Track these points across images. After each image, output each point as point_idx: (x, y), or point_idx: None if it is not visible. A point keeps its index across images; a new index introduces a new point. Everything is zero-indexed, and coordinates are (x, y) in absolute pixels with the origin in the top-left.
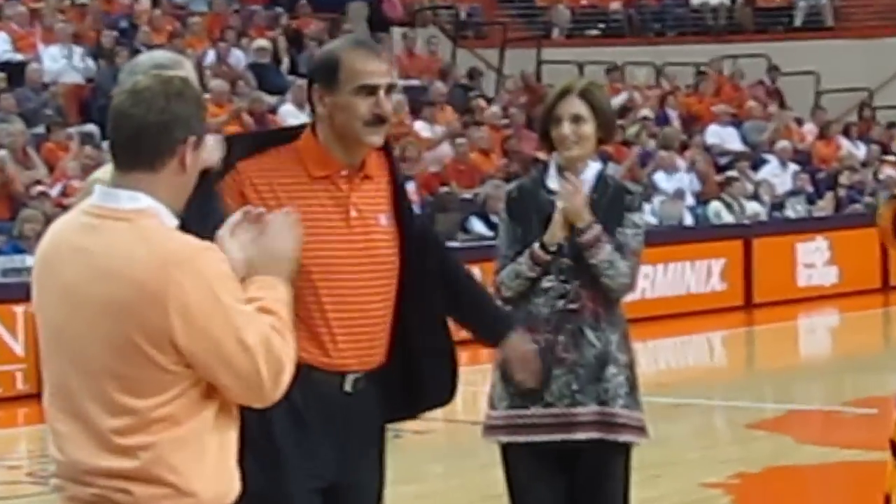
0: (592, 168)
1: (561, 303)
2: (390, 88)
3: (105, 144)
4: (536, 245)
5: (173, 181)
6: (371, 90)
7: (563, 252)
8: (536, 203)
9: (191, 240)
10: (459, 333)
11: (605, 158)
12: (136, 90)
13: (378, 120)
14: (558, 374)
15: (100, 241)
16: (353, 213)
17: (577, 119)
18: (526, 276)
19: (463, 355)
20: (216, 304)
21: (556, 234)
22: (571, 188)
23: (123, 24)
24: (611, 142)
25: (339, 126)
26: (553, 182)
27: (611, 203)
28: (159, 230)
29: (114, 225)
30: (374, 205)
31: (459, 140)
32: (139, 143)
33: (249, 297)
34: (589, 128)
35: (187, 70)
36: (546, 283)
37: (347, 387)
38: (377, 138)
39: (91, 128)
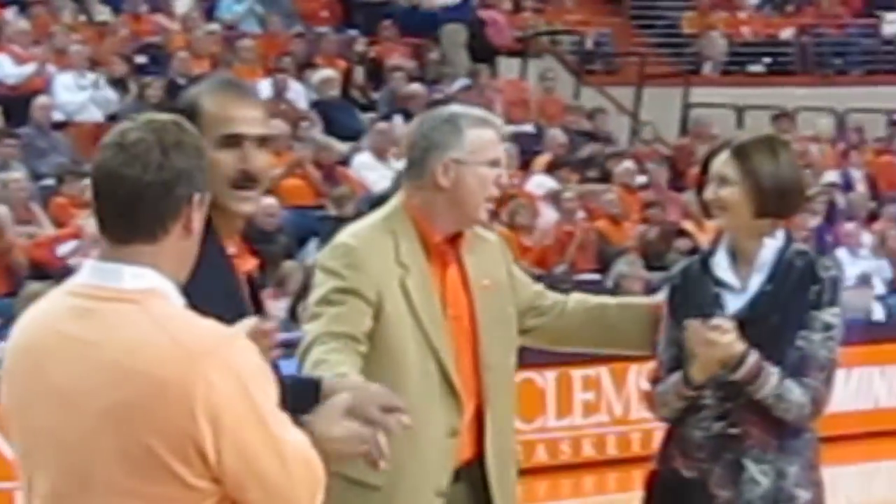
0: (769, 249)
1: (718, 426)
2: (262, 141)
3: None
4: (680, 375)
5: (178, 249)
6: (237, 141)
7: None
8: (698, 298)
9: (215, 326)
10: None
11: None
12: (125, 143)
13: (245, 178)
14: None
15: (100, 329)
16: None
17: (722, 181)
18: (674, 407)
19: None
20: (250, 405)
21: (700, 372)
22: (709, 337)
23: (155, 47)
24: (783, 217)
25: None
26: (722, 270)
27: (793, 295)
28: (176, 314)
29: (117, 308)
30: None
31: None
32: (136, 208)
33: None
34: (733, 193)
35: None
36: (701, 400)
37: None
38: (249, 205)
39: None
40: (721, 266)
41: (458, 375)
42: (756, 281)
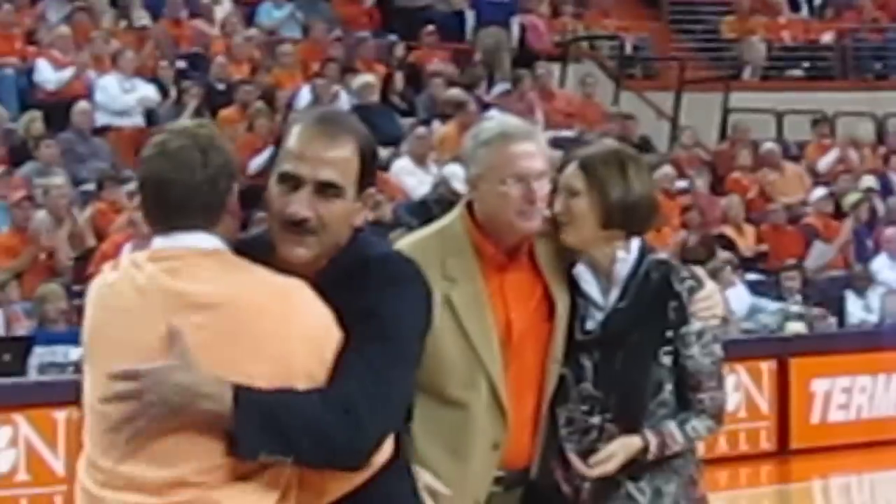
0: (624, 264)
1: (588, 440)
2: (321, 187)
3: None
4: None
5: (225, 230)
6: (296, 183)
7: (583, 376)
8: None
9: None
10: None
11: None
12: (168, 152)
13: (292, 223)
14: None
15: (196, 280)
16: None
17: (569, 192)
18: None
19: None
20: (332, 325)
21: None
22: (598, 474)
23: (194, 51)
24: (631, 232)
25: None
26: (586, 283)
27: (651, 310)
28: (249, 263)
29: (201, 262)
30: None
31: None
32: (189, 206)
33: None
34: (581, 204)
35: (540, 143)
36: (565, 412)
37: None
38: (296, 250)
39: None
40: (584, 279)
41: (513, 385)
42: (612, 297)
